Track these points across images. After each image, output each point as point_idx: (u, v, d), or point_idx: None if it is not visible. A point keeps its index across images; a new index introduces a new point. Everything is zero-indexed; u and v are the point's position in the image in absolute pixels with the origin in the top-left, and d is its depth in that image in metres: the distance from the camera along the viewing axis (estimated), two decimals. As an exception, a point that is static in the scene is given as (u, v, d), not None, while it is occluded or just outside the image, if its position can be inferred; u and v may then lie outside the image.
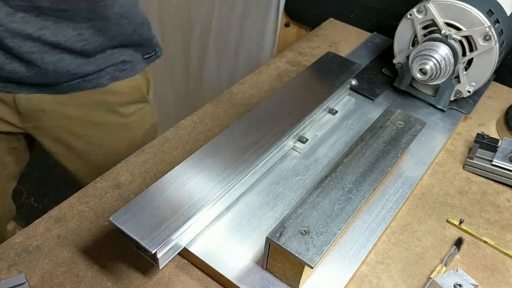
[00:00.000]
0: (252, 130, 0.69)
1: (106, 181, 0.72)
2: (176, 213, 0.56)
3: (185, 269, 0.62)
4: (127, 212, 0.56)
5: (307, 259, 0.52)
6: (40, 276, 0.59)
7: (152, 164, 0.75)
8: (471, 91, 0.84)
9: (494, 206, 0.73)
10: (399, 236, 0.68)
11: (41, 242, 0.63)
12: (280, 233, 0.55)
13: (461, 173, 0.78)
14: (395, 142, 0.70)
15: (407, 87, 0.90)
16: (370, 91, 0.90)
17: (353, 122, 0.83)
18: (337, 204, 0.59)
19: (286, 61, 1.01)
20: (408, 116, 0.75)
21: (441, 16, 0.80)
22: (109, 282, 0.59)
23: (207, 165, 0.63)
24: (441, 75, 0.80)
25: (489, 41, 0.77)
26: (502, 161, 0.75)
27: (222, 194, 0.61)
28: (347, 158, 0.66)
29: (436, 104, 0.88)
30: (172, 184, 0.60)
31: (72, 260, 0.61)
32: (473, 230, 0.69)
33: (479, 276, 0.64)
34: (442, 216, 0.71)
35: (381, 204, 0.69)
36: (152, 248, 0.52)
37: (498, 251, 0.67)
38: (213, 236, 0.63)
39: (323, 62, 0.85)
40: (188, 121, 0.84)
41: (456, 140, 0.85)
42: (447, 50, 0.79)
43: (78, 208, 0.68)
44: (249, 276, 0.59)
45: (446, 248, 0.66)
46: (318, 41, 1.08)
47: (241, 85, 0.93)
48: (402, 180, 0.73)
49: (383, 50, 1.02)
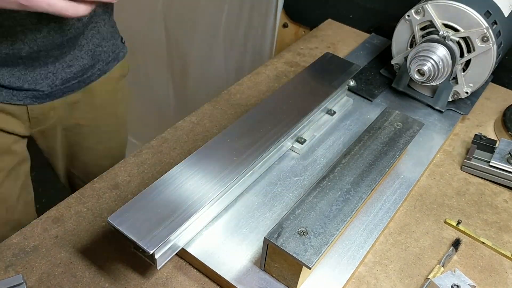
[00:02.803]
0: (250, 131, 0.69)
1: (104, 182, 0.72)
2: (174, 213, 0.56)
3: (183, 269, 0.62)
4: (125, 212, 0.55)
5: (305, 259, 0.52)
6: (37, 276, 0.59)
7: (150, 164, 0.75)
8: (469, 92, 0.84)
9: (491, 207, 0.73)
10: (397, 237, 0.68)
11: (39, 243, 0.63)
12: (278, 234, 0.55)
13: (459, 174, 0.78)
14: (393, 143, 0.70)
15: (405, 88, 0.90)
16: (368, 92, 0.90)
17: (351, 123, 0.83)
18: (335, 205, 0.59)
19: (284, 62, 1.01)
20: (406, 117, 0.75)
21: (439, 17, 0.81)
22: (106, 282, 0.59)
23: (205, 166, 0.63)
24: (439, 76, 0.80)
25: (487, 42, 0.78)
26: (500, 162, 0.75)
27: (220, 194, 0.61)
28: (345, 159, 0.67)
29: (434, 105, 0.88)
30: (170, 185, 0.60)
31: (69, 260, 0.61)
32: (470, 231, 0.69)
33: (476, 277, 0.64)
34: (440, 217, 0.71)
35: (379, 205, 0.69)
36: (150, 248, 0.52)
37: (495, 252, 0.67)
38: (211, 236, 0.63)
39: (321, 63, 0.85)
40: (186, 121, 0.84)
41: (454, 141, 0.85)
42: (445, 51, 0.79)
43: (76, 208, 0.68)
44: (247, 277, 0.59)
45: (444, 249, 0.67)
46: (316, 42, 1.09)
47: (239, 86, 0.93)
48: (400, 181, 0.73)
49: (381, 51, 1.02)
